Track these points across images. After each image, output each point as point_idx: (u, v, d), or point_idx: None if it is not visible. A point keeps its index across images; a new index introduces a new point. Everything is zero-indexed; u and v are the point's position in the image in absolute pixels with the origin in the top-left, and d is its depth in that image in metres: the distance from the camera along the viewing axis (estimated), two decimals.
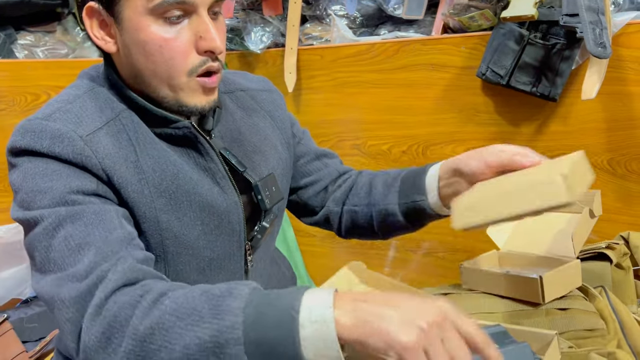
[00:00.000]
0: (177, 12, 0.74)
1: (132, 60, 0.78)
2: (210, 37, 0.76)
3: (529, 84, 1.31)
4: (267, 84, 1.04)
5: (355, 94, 1.63)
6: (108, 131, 0.77)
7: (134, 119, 0.81)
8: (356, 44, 1.58)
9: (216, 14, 0.79)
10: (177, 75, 0.77)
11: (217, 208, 0.84)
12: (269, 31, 1.72)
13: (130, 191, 0.77)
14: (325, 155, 1.07)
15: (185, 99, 0.79)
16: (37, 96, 1.66)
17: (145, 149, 0.80)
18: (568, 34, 1.24)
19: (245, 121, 0.94)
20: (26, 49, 1.70)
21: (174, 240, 0.81)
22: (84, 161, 0.73)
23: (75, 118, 0.76)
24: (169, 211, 0.80)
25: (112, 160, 0.75)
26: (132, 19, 0.75)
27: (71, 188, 0.71)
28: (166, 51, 0.75)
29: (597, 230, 1.37)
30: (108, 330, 0.63)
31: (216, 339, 0.59)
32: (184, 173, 0.81)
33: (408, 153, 1.60)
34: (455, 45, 1.42)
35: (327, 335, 0.57)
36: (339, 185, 1.04)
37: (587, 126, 1.32)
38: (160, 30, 0.75)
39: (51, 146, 0.72)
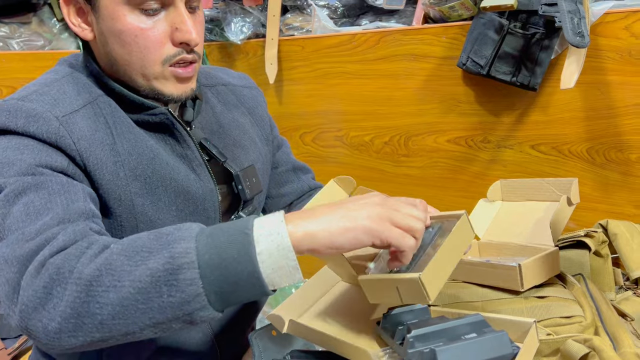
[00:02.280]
0: (155, 4, 0.75)
1: (107, 48, 0.78)
2: (185, 29, 0.76)
3: (509, 73, 1.31)
4: (249, 81, 1.05)
5: (337, 85, 1.63)
6: (85, 114, 0.77)
7: (111, 104, 0.80)
8: (337, 35, 1.57)
9: (194, 8, 0.79)
10: (151, 65, 0.77)
11: (192, 194, 0.84)
12: (249, 22, 1.70)
13: (105, 173, 0.76)
14: (300, 169, 1.10)
15: (159, 87, 0.79)
16: (14, 89, 1.63)
17: (122, 132, 0.79)
18: (547, 23, 1.24)
19: (226, 115, 0.95)
20: (1, 41, 1.67)
21: (148, 224, 0.81)
22: (58, 141, 0.72)
23: (52, 100, 0.75)
24: (143, 195, 0.80)
25: (87, 141, 0.75)
26: (108, 7, 0.75)
27: (40, 162, 0.69)
28: (141, 40, 0.75)
29: (576, 219, 1.39)
30: (49, 284, 0.57)
31: (169, 266, 0.56)
32: (160, 158, 0.81)
33: (390, 144, 1.60)
34: (436, 35, 1.42)
35: (282, 245, 0.57)
36: (302, 201, 1.07)
37: (567, 115, 1.32)
38: (137, 20, 0.75)
39: (26, 125, 0.71)
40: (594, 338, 0.78)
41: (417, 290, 0.64)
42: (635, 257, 1.06)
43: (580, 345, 0.77)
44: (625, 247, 1.08)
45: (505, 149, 1.43)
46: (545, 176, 1.30)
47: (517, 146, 1.41)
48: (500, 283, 0.88)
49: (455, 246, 0.69)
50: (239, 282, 0.57)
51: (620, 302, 1.02)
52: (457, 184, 1.52)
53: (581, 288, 0.93)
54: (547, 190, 1.08)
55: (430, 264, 0.64)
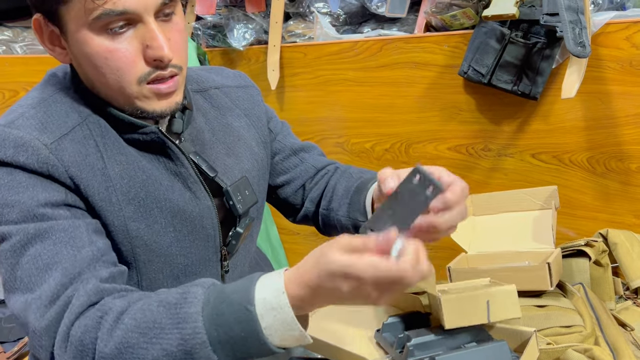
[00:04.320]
0: (120, 23, 0.70)
1: (84, 71, 0.76)
2: (157, 46, 0.71)
3: (510, 82, 1.31)
4: (244, 79, 1.01)
5: (338, 92, 1.63)
6: (74, 137, 0.75)
7: (101, 123, 0.78)
8: (339, 42, 1.57)
9: (168, 15, 0.74)
10: (127, 85, 0.73)
11: (189, 214, 0.82)
12: (252, 28, 1.71)
13: (97, 200, 0.75)
14: (302, 149, 1.04)
15: (142, 106, 0.76)
16: (16, 92, 1.63)
17: (113, 155, 0.77)
18: (548, 33, 1.25)
19: (219, 121, 0.92)
20: (4, 45, 1.68)
21: (144, 248, 0.80)
22: (50, 170, 0.71)
23: (39, 124, 0.73)
24: (138, 219, 0.78)
25: (78, 168, 0.73)
26: (75, 32, 0.72)
27: (39, 201, 0.70)
28: (112, 62, 0.72)
29: (576, 228, 1.39)
30: (78, 355, 0.64)
31: (183, 347, 0.61)
32: (154, 179, 0.79)
33: (391, 151, 1.61)
34: (437, 43, 1.42)
35: (286, 321, 0.60)
36: (316, 183, 1.02)
37: (567, 125, 1.33)
38: (105, 42, 0.71)
39: (15, 155, 0.70)
40: (594, 348, 0.78)
41: (511, 301, 0.64)
42: (635, 266, 1.07)
43: (581, 355, 0.77)
44: (625, 257, 1.08)
45: (506, 158, 1.43)
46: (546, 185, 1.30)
47: (517, 155, 1.41)
48: (525, 285, 0.87)
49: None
50: (251, 352, 0.62)
51: (620, 311, 1.02)
52: None
53: (581, 297, 0.93)
54: (525, 200, 1.09)
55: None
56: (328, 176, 1.02)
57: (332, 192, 0.97)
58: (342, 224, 0.93)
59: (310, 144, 1.07)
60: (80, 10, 0.69)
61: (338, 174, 1.01)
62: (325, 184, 1.01)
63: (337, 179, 0.99)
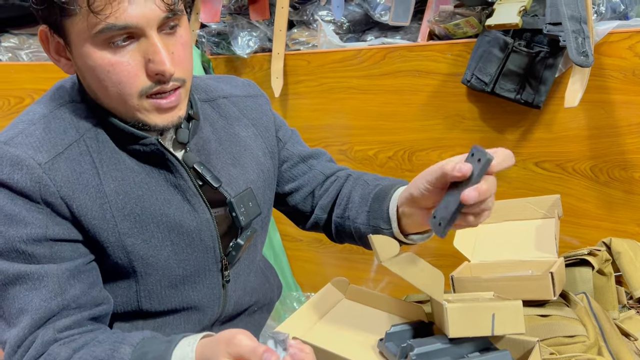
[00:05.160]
0: (122, 37, 0.71)
1: (87, 82, 0.77)
2: (159, 60, 0.71)
3: (513, 91, 1.32)
4: (253, 88, 1.01)
5: (342, 100, 1.64)
6: (69, 155, 0.76)
7: (99, 137, 0.79)
8: (343, 50, 1.58)
9: (173, 27, 0.74)
10: (129, 98, 0.74)
11: (187, 227, 0.83)
12: (256, 36, 1.72)
13: (90, 218, 0.77)
14: (311, 156, 1.04)
15: (143, 119, 0.76)
16: (21, 99, 1.65)
17: (109, 171, 0.78)
18: (551, 42, 1.25)
19: (227, 130, 0.92)
20: (10, 52, 1.69)
21: (141, 262, 0.81)
22: (41, 190, 0.74)
23: (36, 142, 0.75)
24: (134, 234, 0.79)
25: (70, 187, 0.75)
26: (78, 45, 0.72)
27: (21, 237, 0.74)
28: (114, 75, 0.72)
29: (579, 236, 1.39)
30: None
31: None
32: (150, 194, 0.80)
33: (394, 159, 1.61)
34: (440, 52, 1.43)
35: None
36: (326, 190, 1.01)
37: (570, 133, 1.33)
38: (107, 55, 0.71)
39: (11, 173, 0.73)
40: (597, 358, 0.78)
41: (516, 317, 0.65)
42: (638, 275, 1.07)
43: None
44: (629, 266, 1.08)
45: None
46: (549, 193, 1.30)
47: (521, 163, 1.42)
48: (529, 295, 0.87)
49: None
50: None
51: (624, 321, 1.02)
52: None
53: (584, 307, 0.93)
54: (528, 209, 1.09)
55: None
56: (339, 183, 1.01)
57: (348, 200, 0.96)
58: (360, 232, 0.92)
59: (319, 151, 1.06)
60: (83, 23, 0.69)
61: (351, 181, 0.99)
62: (337, 191, 1.00)
63: (352, 186, 0.98)
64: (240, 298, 0.96)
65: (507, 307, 0.68)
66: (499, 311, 0.67)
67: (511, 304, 0.68)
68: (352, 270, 1.82)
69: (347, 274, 1.83)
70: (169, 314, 0.88)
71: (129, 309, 0.85)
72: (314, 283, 1.91)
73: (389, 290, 1.77)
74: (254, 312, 1.03)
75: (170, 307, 0.87)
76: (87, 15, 0.68)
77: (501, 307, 0.67)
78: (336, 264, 1.87)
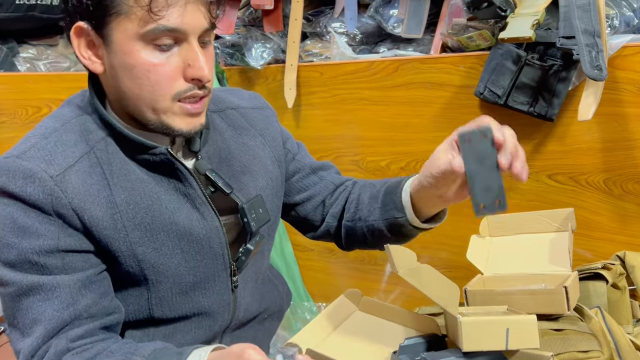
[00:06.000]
0: (168, 40, 0.74)
1: (117, 82, 0.78)
2: (198, 66, 0.76)
3: (526, 103, 1.32)
4: (260, 100, 1.04)
5: (354, 111, 1.65)
6: (80, 167, 0.78)
7: (109, 149, 0.81)
8: (356, 62, 1.59)
9: (205, 43, 0.79)
10: (161, 100, 0.77)
11: (196, 235, 0.85)
12: (270, 47, 1.74)
13: (101, 228, 0.78)
14: (321, 168, 1.07)
15: (168, 122, 0.79)
16: (39, 109, 1.67)
17: (119, 181, 0.80)
18: (565, 55, 1.25)
19: (235, 140, 0.94)
20: (28, 62, 1.71)
21: (152, 270, 0.83)
22: (53, 202, 0.75)
23: (48, 155, 0.77)
24: (145, 243, 0.81)
25: (81, 199, 0.77)
26: (121, 42, 0.75)
27: (34, 249, 0.76)
28: (153, 75, 0.75)
29: (593, 249, 1.38)
30: None
31: None
32: (160, 203, 0.82)
33: (406, 169, 1.61)
34: (453, 64, 1.44)
35: None
36: (336, 199, 1.04)
37: (584, 146, 1.33)
38: (150, 55, 0.75)
39: (24, 186, 0.75)
40: None
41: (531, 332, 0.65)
42: None
43: None
44: None
45: None
46: (562, 206, 1.30)
47: (533, 175, 1.42)
48: (542, 309, 0.87)
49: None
50: None
51: (638, 335, 1.02)
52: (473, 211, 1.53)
53: (599, 321, 0.93)
54: (541, 223, 1.09)
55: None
56: (347, 191, 1.04)
57: (357, 203, 0.99)
58: (373, 229, 0.95)
59: (328, 163, 1.09)
60: (133, 21, 0.73)
61: (358, 187, 1.03)
62: (346, 199, 1.02)
63: (360, 191, 1.01)
64: (250, 305, 0.97)
65: (521, 322, 0.68)
66: (514, 326, 0.67)
67: (525, 318, 0.68)
68: (364, 280, 1.82)
69: (359, 284, 1.83)
70: (180, 321, 0.89)
71: (141, 316, 0.87)
72: (325, 293, 1.91)
73: (400, 300, 1.77)
74: (264, 320, 1.04)
75: (181, 313, 0.88)
76: (141, 14, 0.72)
77: (515, 321, 0.68)
78: (347, 274, 1.88)
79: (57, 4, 1.66)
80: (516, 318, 0.68)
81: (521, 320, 0.68)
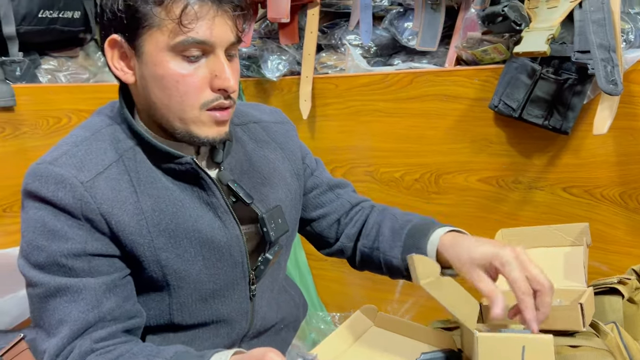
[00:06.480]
0: (196, 52, 0.78)
1: (147, 92, 0.81)
2: (224, 77, 0.80)
3: (541, 117, 1.33)
4: (280, 115, 1.07)
5: (369, 122, 1.66)
6: (109, 175, 0.82)
7: (137, 157, 0.84)
8: (370, 74, 1.61)
9: (232, 56, 0.83)
10: (190, 109, 0.80)
11: (217, 242, 0.87)
12: (285, 59, 1.76)
13: (128, 233, 0.81)
14: (338, 185, 1.09)
15: (196, 131, 0.82)
16: (59, 119, 1.70)
17: (146, 189, 0.83)
18: (580, 69, 1.26)
19: (257, 152, 0.97)
20: (49, 74, 1.75)
21: (174, 275, 0.85)
22: (82, 207, 0.78)
23: (79, 162, 0.81)
24: (168, 249, 0.84)
25: (109, 204, 0.80)
26: (152, 53, 0.79)
27: (62, 252, 0.78)
28: (181, 86, 0.79)
29: (609, 262, 1.38)
30: None
31: None
32: (184, 210, 0.85)
33: (420, 181, 1.62)
34: (468, 77, 1.45)
35: None
36: (351, 219, 1.06)
37: (599, 159, 1.33)
38: (178, 66, 0.78)
39: (55, 191, 0.78)
40: None
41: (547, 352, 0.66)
42: None
43: None
44: None
45: (537, 190, 1.43)
46: (577, 219, 1.30)
47: (548, 188, 1.42)
48: (558, 325, 0.87)
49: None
50: None
51: None
52: (487, 222, 1.53)
53: (614, 337, 0.92)
54: (556, 237, 1.09)
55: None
56: (363, 213, 1.06)
57: (378, 232, 1.00)
58: (391, 264, 0.97)
59: (345, 181, 1.12)
60: (164, 33, 0.77)
61: (376, 212, 1.04)
62: (363, 222, 1.04)
63: (379, 218, 1.02)
64: (267, 314, 0.99)
65: (537, 341, 0.68)
66: (530, 344, 0.68)
67: (542, 338, 0.68)
68: (377, 291, 1.83)
69: (372, 295, 1.84)
70: (199, 327, 0.91)
71: (161, 322, 0.89)
72: (339, 303, 1.92)
73: (413, 312, 1.77)
74: (280, 330, 1.05)
75: (201, 320, 0.90)
76: (171, 27, 0.76)
77: (532, 340, 0.68)
78: (361, 285, 1.88)
79: (78, 18, 1.70)
80: (533, 337, 0.69)
81: (537, 340, 0.69)
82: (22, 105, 1.56)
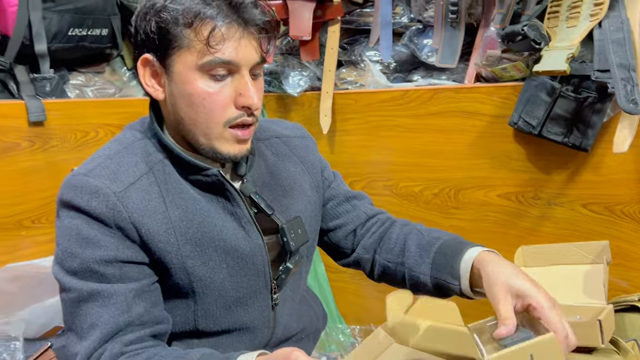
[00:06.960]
0: (222, 71, 0.83)
1: (176, 108, 0.86)
2: (248, 95, 0.84)
3: (561, 134, 1.34)
4: (301, 130, 1.11)
5: (388, 137, 1.68)
6: (140, 186, 0.86)
7: (166, 169, 0.88)
8: (390, 90, 1.63)
9: (256, 75, 0.87)
10: (214, 126, 0.84)
11: (241, 251, 0.91)
12: (306, 75, 1.79)
13: (157, 241, 0.85)
14: (354, 197, 1.12)
15: (218, 147, 0.86)
16: (86, 133, 1.75)
17: (174, 199, 0.87)
18: (599, 87, 1.27)
19: (278, 166, 1.01)
20: (77, 89, 1.80)
21: (200, 282, 0.88)
22: (115, 216, 0.82)
23: (112, 174, 0.85)
24: (195, 257, 0.87)
25: (140, 214, 0.84)
26: (181, 72, 0.83)
27: (95, 258, 0.82)
28: (208, 103, 0.83)
29: (629, 279, 1.38)
30: None
31: None
32: (210, 220, 0.88)
33: (440, 196, 1.64)
34: (487, 94, 1.46)
35: None
36: (367, 230, 1.08)
37: (619, 177, 1.33)
38: (205, 85, 0.83)
39: (89, 201, 0.82)
40: None
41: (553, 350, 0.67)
42: None
43: None
44: None
45: (556, 207, 1.44)
46: (597, 236, 1.31)
47: (568, 204, 1.42)
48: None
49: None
50: None
51: None
52: (507, 238, 1.54)
53: (635, 355, 0.93)
54: (576, 254, 1.09)
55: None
56: (380, 225, 1.07)
57: (403, 248, 1.01)
58: (417, 281, 0.97)
59: (362, 194, 1.14)
60: (193, 54, 0.82)
61: (398, 226, 1.06)
62: (382, 234, 1.06)
63: (403, 233, 1.03)
64: (288, 323, 1.02)
65: (542, 343, 0.68)
66: (536, 349, 0.68)
67: (544, 339, 0.68)
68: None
69: None
70: (222, 334, 0.94)
71: (186, 328, 0.92)
72: (357, 315, 1.93)
73: None
74: (300, 340, 1.08)
75: (224, 327, 0.94)
76: (199, 48, 0.81)
77: (536, 344, 0.68)
78: (379, 298, 1.88)
79: (106, 35, 1.75)
80: (536, 341, 0.69)
81: (541, 342, 0.69)
82: (51, 119, 1.61)
